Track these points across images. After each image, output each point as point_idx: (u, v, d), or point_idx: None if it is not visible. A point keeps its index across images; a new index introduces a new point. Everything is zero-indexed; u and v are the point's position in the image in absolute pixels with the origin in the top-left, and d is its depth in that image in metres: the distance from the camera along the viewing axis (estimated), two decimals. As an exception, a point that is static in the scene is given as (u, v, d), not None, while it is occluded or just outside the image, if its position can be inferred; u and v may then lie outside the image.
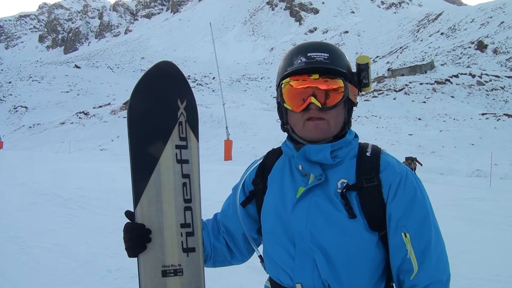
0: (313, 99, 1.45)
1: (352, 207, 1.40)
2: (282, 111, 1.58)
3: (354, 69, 1.57)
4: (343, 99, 1.48)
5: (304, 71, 1.47)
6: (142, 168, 1.53)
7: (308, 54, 1.47)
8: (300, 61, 1.47)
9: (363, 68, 1.53)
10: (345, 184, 1.44)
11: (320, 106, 1.45)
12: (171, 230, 1.54)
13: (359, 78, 1.54)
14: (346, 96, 1.48)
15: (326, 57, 1.46)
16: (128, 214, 1.53)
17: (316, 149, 1.46)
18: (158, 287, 1.52)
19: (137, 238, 1.48)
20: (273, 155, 1.69)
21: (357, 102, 1.56)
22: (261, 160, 1.72)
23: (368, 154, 1.49)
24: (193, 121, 1.64)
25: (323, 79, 1.45)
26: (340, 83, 1.47)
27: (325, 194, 1.45)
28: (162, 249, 1.52)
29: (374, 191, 1.41)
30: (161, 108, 1.58)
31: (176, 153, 1.58)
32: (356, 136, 1.57)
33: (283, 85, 1.52)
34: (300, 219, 1.46)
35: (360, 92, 1.59)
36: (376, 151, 1.50)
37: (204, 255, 1.65)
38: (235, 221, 1.70)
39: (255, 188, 1.67)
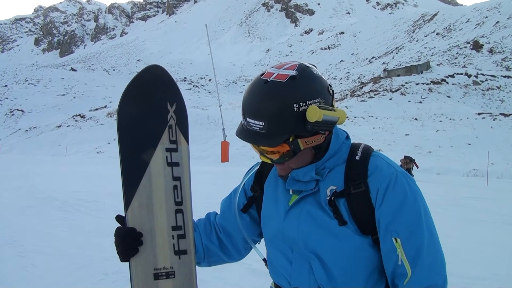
0: (262, 158, 1.47)
1: (341, 214, 1.38)
2: None
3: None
4: (293, 156, 1.42)
5: (252, 143, 1.43)
6: (133, 172, 1.53)
7: (247, 119, 1.40)
8: (242, 122, 1.44)
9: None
10: (333, 191, 1.42)
11: (271, 162, 1.46)
12: (163, 233, 1.54)
13: (314, 131, 1.37)
14: (297, 152, 1.40)
15: (262, 127, 1.35)
16: (119, 218, 1.52)
17: (301, 172, 1.46)
18: None
19: (128, 242, 1.47)
20: None
21: (325, 136, 1.43)
22: (258, 167, 1.71)
23: (357, 158, 1.44)
24: (183, 124, 1.64)
25: (263, 147, 1.42)
26: (282, 149, 1.39)
27: (317, 202, 1.44)
28: (154, 252, 1.52)
29: (362, 196, 1.38)
30: (150, 112, 1.58)
31: (167, 156, 1.58)
32: (347, 137, 1.53)
33: None
34: (292, 226, 1.46)
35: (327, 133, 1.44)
36: (366, 153, 1.45)
37: (197, 257, 1.65)
38: (235, 223, 1.70)
39: (254, 194, 1.67)
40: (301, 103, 1.34)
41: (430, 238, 1.37)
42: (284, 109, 1.33)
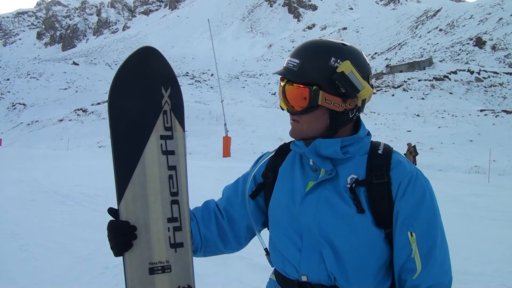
0: (280, 102, 1.52)
1: (360, 201, 1.40)
2: None
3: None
4: (309, 107, 1.44)
5: (281, 75, 1.50)
6: (125, 161, 1.46)
7: (288, 58, 1.49)
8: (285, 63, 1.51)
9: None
10: (354, 179, 1.43)
11: (285, 110, 1.51)
12: (158, 226, 1.47)
13: (336, 87, 1.42)
14: (316, 104, 1.43)
15: (295, 64, 1.44)
16: (112, 211, 1.48)
17: (326, 143, 1.46)
18: (145, 285, 1.46)
19: (122, 236, 1.43)
20: (285, 149, 1.68)
21: (346, 111, 1.46)
22: (273, 153, 1.70)
23: (379, 152, 1.49)
24: (178, 110, 1.55)
25: (289, 86, 1.47)
26: (302, 92, 1.43)
27: (335, 189, 1.45)
28: (149, 245, 1.46)
29: (383, 187, 1.41)
30: (143, 97, 1.49)
31: (161, 144, 1.50)
32: (369, 133, 1.57)
33: None
34: (309, 212, 1.45)
35: (347, 101, 1.45)
36: (388, 150, 1.50)
37: (194, 246, 1.61)
38: (241, 209, 1.68)
39: (265, 180, 1.65)
40: (339, 60, 1.42)
41: (442, 237, 1.41)
42: (322, 56, 1.43)
